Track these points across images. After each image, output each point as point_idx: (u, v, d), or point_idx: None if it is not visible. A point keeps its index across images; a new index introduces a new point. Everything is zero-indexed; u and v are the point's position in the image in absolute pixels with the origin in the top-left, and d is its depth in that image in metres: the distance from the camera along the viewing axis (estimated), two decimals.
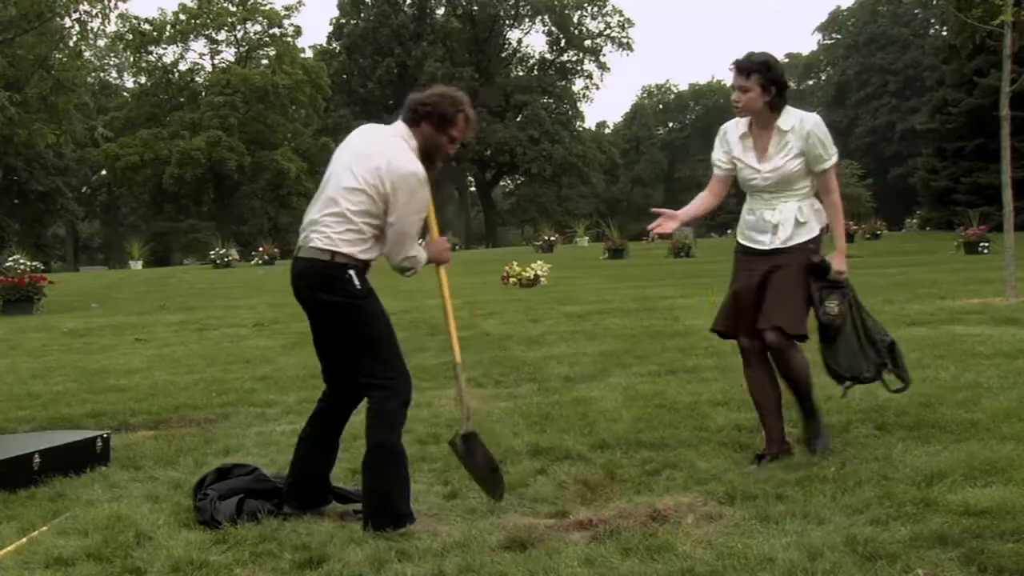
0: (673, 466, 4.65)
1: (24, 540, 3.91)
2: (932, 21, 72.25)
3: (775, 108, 4.59)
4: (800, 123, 4.58)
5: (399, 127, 4.09)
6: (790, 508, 3.82)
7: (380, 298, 4.07)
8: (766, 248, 4.67)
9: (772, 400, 4.75)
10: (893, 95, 74.81)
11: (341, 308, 3.96)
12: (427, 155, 4.03)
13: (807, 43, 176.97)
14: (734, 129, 4.78)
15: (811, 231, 4.65)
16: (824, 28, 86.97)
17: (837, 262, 4.64)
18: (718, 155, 4.85)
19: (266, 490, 4.33)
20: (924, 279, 15.90)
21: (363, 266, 3.99)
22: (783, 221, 4.63)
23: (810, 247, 4.63)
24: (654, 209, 4.76)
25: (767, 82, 4.53)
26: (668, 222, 4.83)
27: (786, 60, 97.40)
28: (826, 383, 5.01)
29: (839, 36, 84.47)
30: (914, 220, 51.72)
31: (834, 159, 4.65)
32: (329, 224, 3.95)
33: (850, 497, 3.93)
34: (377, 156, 3.95)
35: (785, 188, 4.63)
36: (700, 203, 4.98)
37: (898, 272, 18.39)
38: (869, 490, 4.00)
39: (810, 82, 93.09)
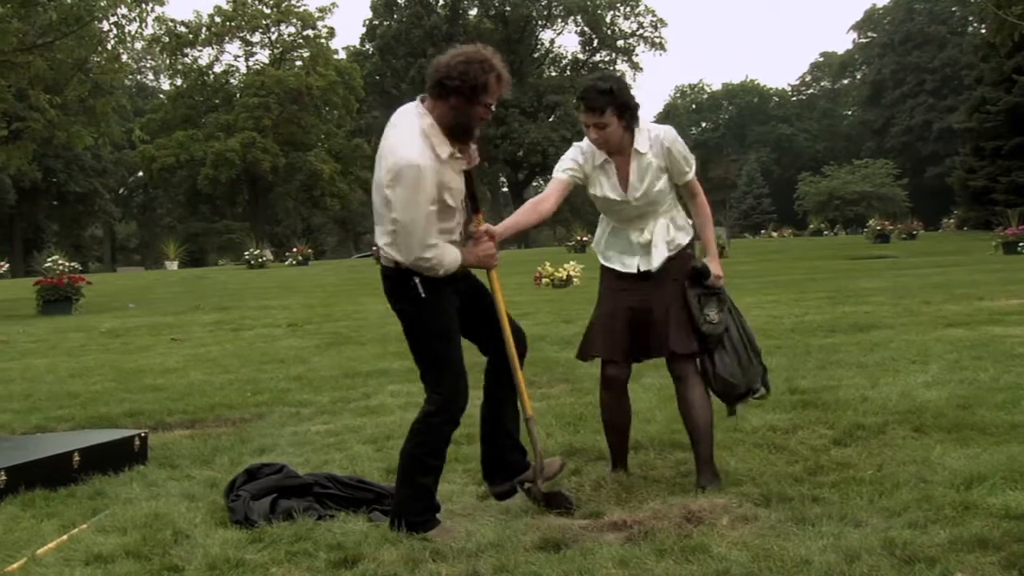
0: None
1: (64, 537, 3.96)
2: (970, 19, 71.45)
3: (630, 130, 4.27)
4: (658, 142, 4.30)
5: (415, 106, 3.78)
6: (826, 510, 3.79)
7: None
8: (637, 272, 4.41)
9: (627, 423, 4.58)
10: (930, 94, 74.09)
11: (403, 314, 3.90)
12: (461, 129, 3.72)
13: (842, 41, 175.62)
14: (594, 152, 4.36)
15: (679, 246, 4.43)
16: (859, 26, 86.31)
17: (713, 266, 4.42)
18: (574, 159, 4.38)
19: (297, 486, 4.36)
20: (962, 280, 15.71)
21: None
22: (654, 242, 4.38)
23: (686, 254, 4.44)
24: (475, 228, 3.97)
25: (620, 109, 4.19)
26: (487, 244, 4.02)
27: (820, 59, 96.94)
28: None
29: (875, 34, 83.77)
30: (951, 220, 51.16)
31: (695, 167, 4.42)
32: (380, 235, 3.82)
33: (887, 500, 3.90)
34: (386, 152, 3.70)
35: (652, 208, 4.37)
36: (533, 212, 4.28)
37: (935, 272, 18.19)
38: (907, 493, 3.96)
39: (845, 81, 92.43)
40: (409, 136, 3.68)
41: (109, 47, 22.87)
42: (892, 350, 7.98)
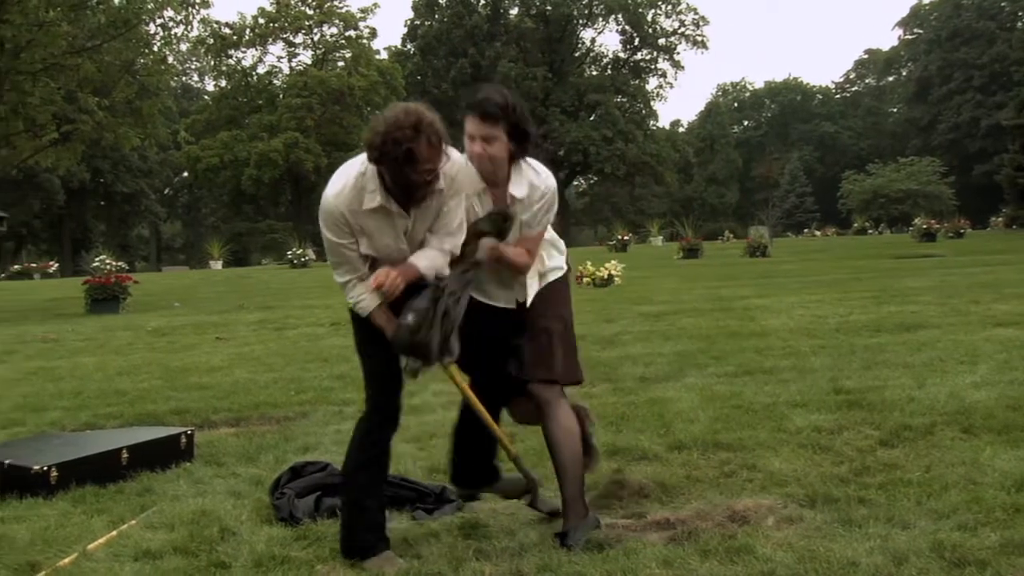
0: (751, 467, 4.59)
1: (114, 533, 4.02)
2: (1020, 14, 70.28)
3: (514, 159, 3.79)
4: (531, 191, 3.81)
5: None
6: (873, 512, 3.75)
7: None
8: (510, 307, 3.95)
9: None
10: (977, 90, 72.96)
11: (351, 321, 3.86)
12: (400, 194, 3.47)
13: (887, 38, 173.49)
14: (473, 179, 3.78)
15: (555, 268, 4.01)
16: (905, 23, 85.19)
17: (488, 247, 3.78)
18: None
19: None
20: (1011, 279, 15.44)
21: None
22: (527, 277, 3.91)
23: (561, 279, 4.01)
24: None
25: (513, 128, 3.72)
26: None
27: (865, 56, 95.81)
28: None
29: (921, 31, 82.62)
30: (999, 218, 50.29)
31: (545, 227, 3.95)
32: None
33: (936, 502, 3.85)
34: None
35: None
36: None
37: (983, 272, 17.90)
38: (956, 495, 3.90)
39: (890, 78, 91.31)
40: (339, 175, 3.58)
41: (155, 49, 23.18)
42: (939, 350, 7.87)
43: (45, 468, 4.71)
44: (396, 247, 3.60)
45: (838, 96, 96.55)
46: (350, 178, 3.51)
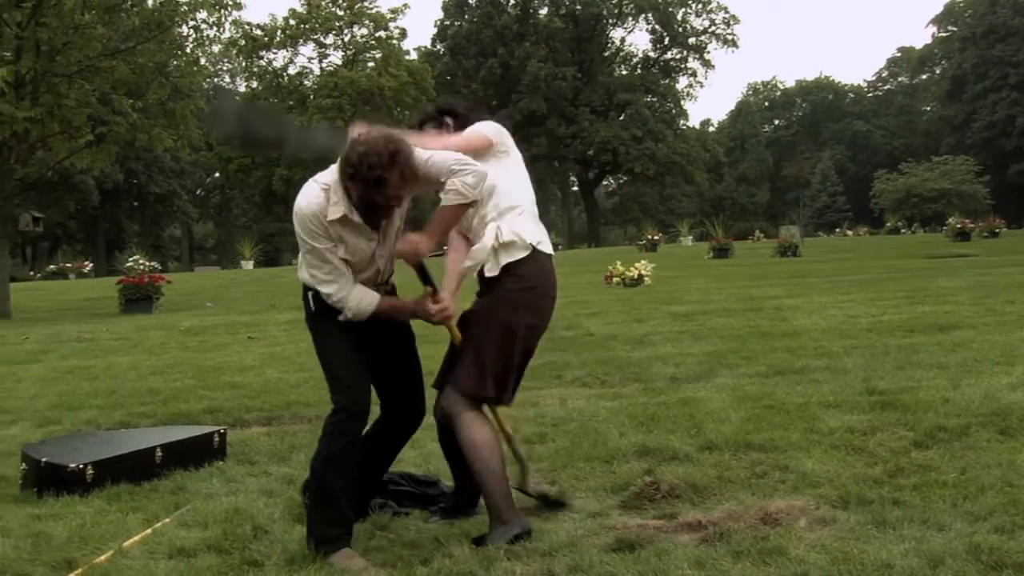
0: (783, 468, 4.56)
1: (149, 531, 4.06)
2: None
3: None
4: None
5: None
6: (907, 513, 3.72)
7: None
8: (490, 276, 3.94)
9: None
10: (1013, 88, 71.96)
11: (306, 324, 3.98)
12: (365, 215, 3.64)
13: (921, 36, 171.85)
14: None
15: (515, 254, 3.88)
16: (939, 20, 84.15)
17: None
18: None
19: None
20: None
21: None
22: (504, 242, 3.90)
23: (517, 273, 3.88)
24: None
25: (445, 116, 4.17)
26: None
27: (898, 54, 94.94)
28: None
29: (955, 28, 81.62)
30: None
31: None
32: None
33: (972, 503, 3.80)
34: None
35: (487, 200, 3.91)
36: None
37: (1019, 271, 17.68)
38: (992, 497, 3.86)
39: (924, 76, 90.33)
40: (307, 186, 3.72)
41: (188, 51, 23.31)
42: (974, 350, 7.78)
43: (81, 466, 4.78)
44: (370, 251, 3.76)
45: (870, 95, 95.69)
46: (317, 190, 3.67)
